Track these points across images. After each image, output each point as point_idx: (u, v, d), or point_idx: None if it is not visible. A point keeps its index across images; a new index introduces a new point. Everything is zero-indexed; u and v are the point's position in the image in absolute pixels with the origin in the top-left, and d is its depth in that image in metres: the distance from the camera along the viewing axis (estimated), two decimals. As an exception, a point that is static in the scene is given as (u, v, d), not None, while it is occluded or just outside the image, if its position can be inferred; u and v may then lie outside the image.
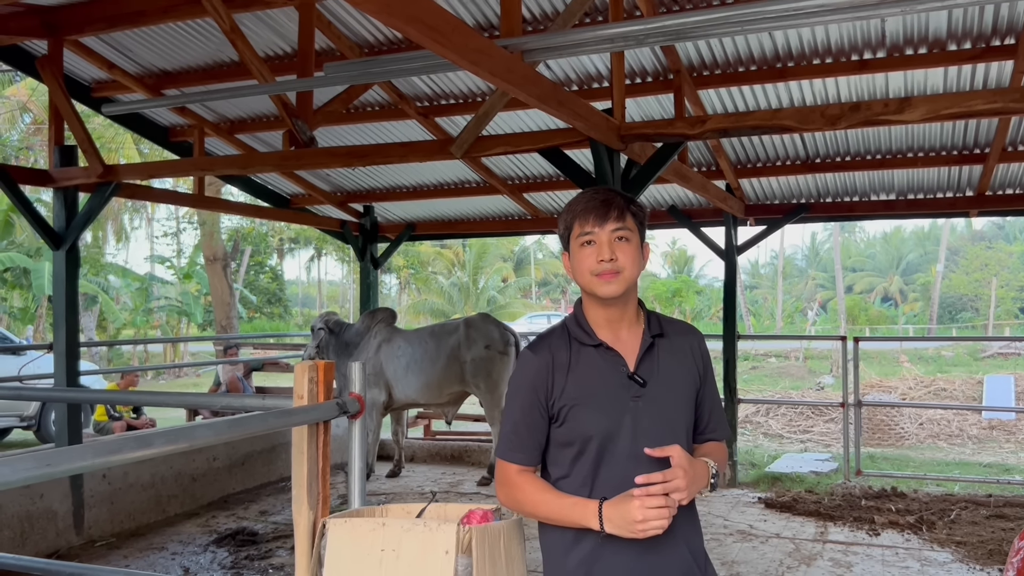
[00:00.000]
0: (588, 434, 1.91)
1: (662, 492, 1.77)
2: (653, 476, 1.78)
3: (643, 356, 1.96)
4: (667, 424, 1.93)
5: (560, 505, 1.91)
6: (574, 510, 1.88)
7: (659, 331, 2.01)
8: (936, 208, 7.64)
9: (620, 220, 1.92)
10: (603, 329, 1.98)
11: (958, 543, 5.72)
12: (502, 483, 2.01)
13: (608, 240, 1.91)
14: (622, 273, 1.92)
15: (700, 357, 2.05)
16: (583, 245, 1.94)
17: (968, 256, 43.40)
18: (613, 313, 1.97)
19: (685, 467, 1.80)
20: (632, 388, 1.93)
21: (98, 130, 18.66)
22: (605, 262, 1.90)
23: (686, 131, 4.58)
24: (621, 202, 1.95)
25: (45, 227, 6.07)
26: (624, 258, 1.91)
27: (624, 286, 1.93)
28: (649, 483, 1.78)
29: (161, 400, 5.07)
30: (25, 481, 1.50)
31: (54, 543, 5.76)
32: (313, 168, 7.43)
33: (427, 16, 2.68)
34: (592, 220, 1.93)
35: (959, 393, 14.39)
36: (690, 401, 1.99)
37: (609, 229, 1.91)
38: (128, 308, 27.04)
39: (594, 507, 1.85)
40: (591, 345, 1.97)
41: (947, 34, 4.99)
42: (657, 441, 1.86)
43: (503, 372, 7.55)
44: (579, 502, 1.88)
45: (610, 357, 1.96)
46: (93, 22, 5.48)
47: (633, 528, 1.78)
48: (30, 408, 10.77)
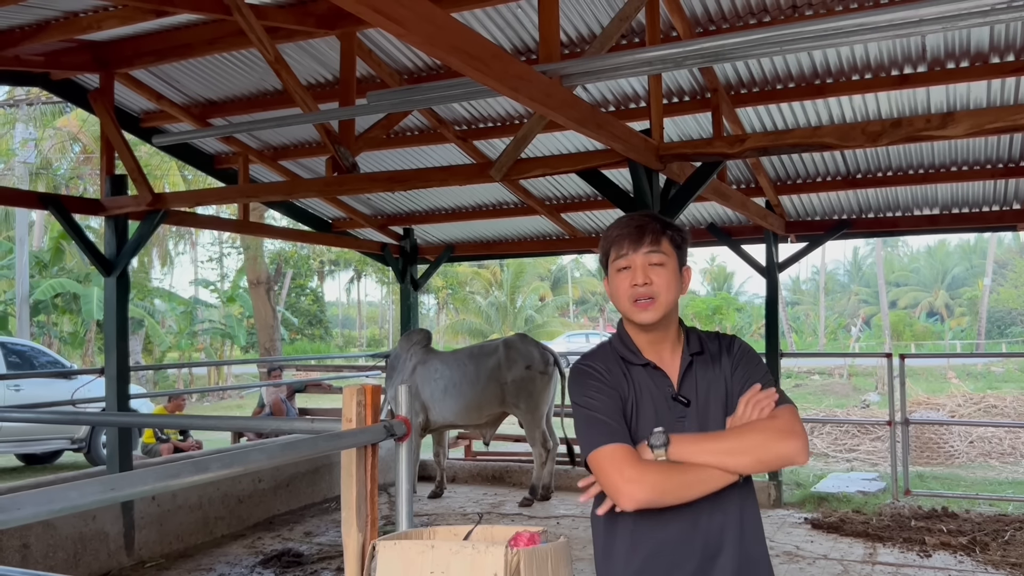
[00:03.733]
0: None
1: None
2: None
3: (684, 375, 1.99)
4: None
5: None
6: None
7: (698, 349, 2.02)
8: (982, 222, 7.52)
9: (654, 245, 1.94)
10: (647, 350, 2.01)
11: (1013, 565, 5.57)
12: (626, 474, 1.84)
13: (642, 265, 1.93)
14: (657, 299, 1.93)
15: (733, 356, 2.03)
16: (619, 271, 1.97)
17: (1017, 269, 42.42)
18: (654, 336, 2.00)
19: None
20: (676, 408, 1.96)
21: (144, 158, 19.15)
22: (639, 286, 1.93)
23: (725, 150, 4.58)
24: (656, 227, 1.97)
25: (96, 254, 6.25)
26: (659, 282, 1.93)
27: (660, 312, 1.94)
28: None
29: (211, 424, 5.17)
30: (92, 505, 1.56)
31: (106, 564, 5.88)
32: (356, 193, 7.56)
33: (469, 46, 2.74)
34: (627, 245, 1.95)
35: (1011, 410, 14.02)
36: (729, 411, 1.98)
37: (643, 253, 1.94)
38: (173, 331, 27.53)
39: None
40: (639, 364, 1.99)
41: (989, 47, 4.94)
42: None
43: (544, 392, 7.56)
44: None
45: (657, 377, 1.99)
46: (142, 55, 5.67)
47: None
48: (80, 431, 11.01)
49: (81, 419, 5.99)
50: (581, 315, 47.74)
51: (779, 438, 1.87)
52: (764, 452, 1.87)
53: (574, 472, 8.48)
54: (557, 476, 8.01)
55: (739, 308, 41.15)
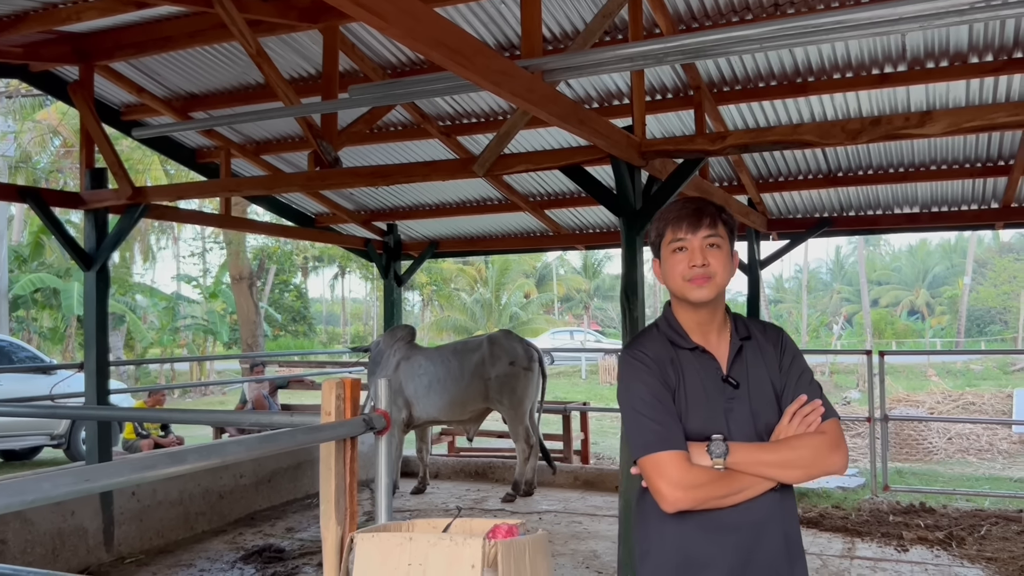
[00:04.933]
0: (695, 433, 1.96)
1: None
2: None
3: (734, 359, 2.04)
4: (756, 423, 2.00)
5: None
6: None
7: (747, 333, 2.08)
8: (961, 221, 7.60)
9: (712, 228, 2.00)
10: (695, 332, 2.05)
11: (988, 559, 5.64)
12: (674, 480, 1.89)
13: (700, 246, 1.99)
14: (714, 279, 1.99)
15: (782, 353, 2.08)
16: (675, 252, 2.01)
17: (996, 268, 42.82)
18: (703, 316, 2.04)
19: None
20: (727, 391, 2.00)
21: (126, 152, 18.99)
22: (697, 267, 1.97)
23: (706, 147, 4.60)
24: (713, 210, 2.02)
25: (76, 248, 6.20)
26: (716, 264, 1.99)
27: (715, 291, 2.00)
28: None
29: (190, 417, 5.15)
30: (65, 496, 1.55)
31: (85, 560, 5.84)
32: (338, 188, 7.53)
33: (450, 40, 2.74)
34: (685, 227, 2.00)
35: (988, 407, 14.19)
36: (775, 399, 2.04)
37: (701, 236, 1.99)
38: (155, 327, 27.35)
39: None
40: (687, 348, 2.04)
41: (968, 47, 4.99)
42: (748, 440, 1.96)
43: (527, 388, 7.57)
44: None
45: (706, 360, 2.03)
46: (123, 48, 5.62)
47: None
48: (60, 426, 10.92)
49: (59, 412, 5.94)
50: (566, 312, 47.77)
51: (828, 453, 1.95)
52: (814, 467, 1.95)
53: (556, 467, 8.50)
54: (540, 472, 8.03)
55: (722, 306, 41.22)
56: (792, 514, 2.05)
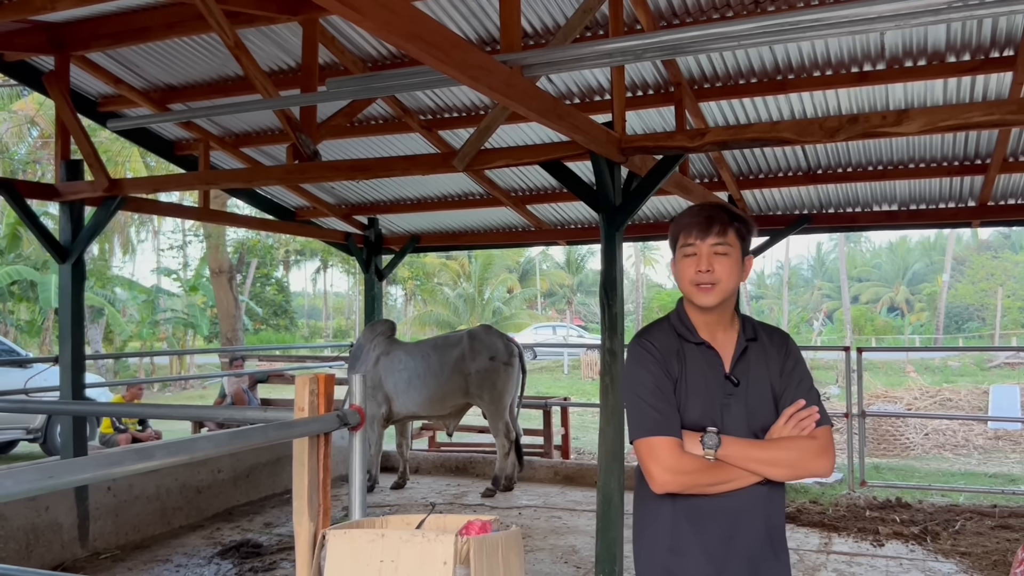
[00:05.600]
0: (691, 424, 2.08)
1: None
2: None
3: (738, 358, 2.14)
4: (751, 420, 2.10)
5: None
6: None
7: (753, 335, 2.17)
8: (938, 219, 7.65)
9: (721, 235, 2.09)
10: (703, 330, 2.17)
11: (963, 554, 5.70)
12: (665, 464, 2.02)
13: (707, 253, 2.09)
14: (718, 285, 2.09)
15: (785, 357, 2.16)
16: (685, 256, 2.13)
17: (974, 266, 43.24)
18: (711, 318, 2.16)
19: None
20: (726, 387, 2.11)
21: (104, 144, 18.79)
22: (703, 273, 2.08)
23: (686, 144, 4.61)
24: (724, 217, 2.12)
25: (51, 241, 6.12)
26: (721, 270, 2.09)
27: (719, 298, 2.11)
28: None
29: (164, 413, 5.11)
30: (28, 493, 1.53)
31: (59, 556, 5.78)
32: (317, 181, 7.48)
33: (426, 33, 2.72)
34: (695, 234, 2.11)
35: (965, 403, 14.35)
36: (773, 400, 2.13)
37: (709, 243, 2.09)
38: (134, 320, 27.12)
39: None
40: (694, 342, 2.15)
41: (946, 46, 5.02)
42: (741, 435, 2.07)
43: (508, 383, 7.57)
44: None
45: (711, 356, 2.14)
46: (99, 38, 5.55)
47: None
48: (36, 421, 10.81)
49: (32, 407, 5.88)
50: (549, 307, 47.85)
51: (815, 457, 2.06)
52: (800, 468, 2.08)
53: (536, 463, 8.52)
54: (518, 468, 8.03)
55: (704, 301, 41.41)
56: (778, 509, 2.16)
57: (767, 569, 2.12)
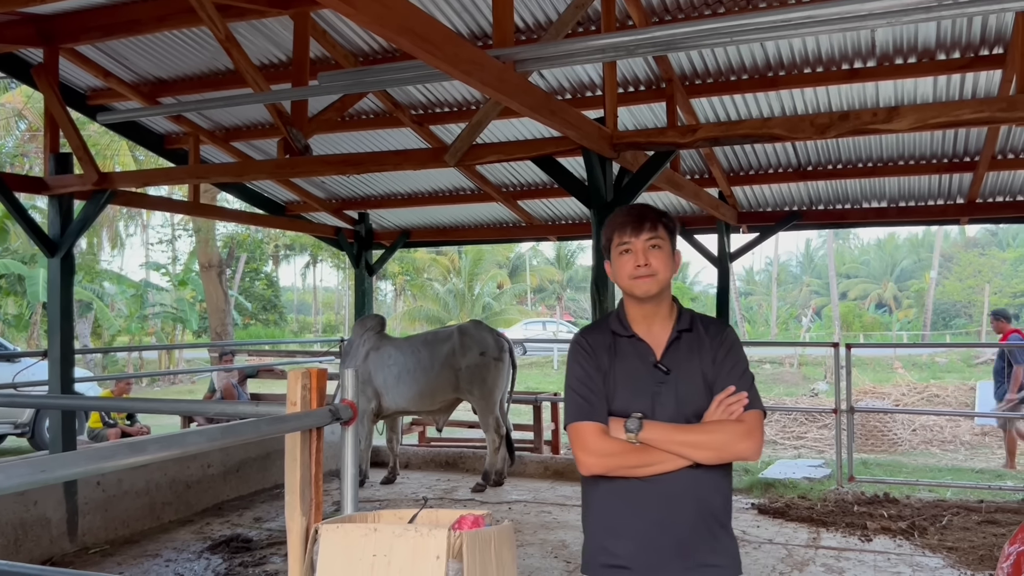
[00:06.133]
0: (621, 411, 2.19)
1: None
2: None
3: (668, 347, 2.23)
4: (681, 407, 2.18)
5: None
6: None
7: (687, 326, 2.26)
8: (927, 215, 7.70)
9: (653, 231, 2.21)
10: (639, 323, 2.27)
11: (949, 548, 5.74)
12: (587, 447, 2.16)
13: (643, 248, 2.20)
14: (656, 276, 2.20)
15: (719, 346, 2.24)
16: (622, 254, 2.23)
17: (962, 263, 43.48)
18: (648, 309, 2.25)
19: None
20: (657, 375, 2.21)
21: (93, 137, 18.66)
22: (641, 267, 2.19)
23: (677, 139, 4.62)
24: (654, 215, 2.25)
25: (40, 234, 6.09)
26: (657, 263, 2.21)
27: (658, 286, 2.21)
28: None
29: (155, 407, 5.09)
30: (20, 487, 1.52)
31: (48, 550, 5.76)
32: (308, 176, 7.46)
33: (419, 27, 2.72)
34: (629, 232, 2.21)
35: (952, 399, 14.44)
36: (706, 387, 2.21)
37: (643, 239, 2.20)
38: (123, 315, 26.96)
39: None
40: (626, 336, 2.26)
41: (936, 44, 5.05)
42: (672, 422, 2.16)
43: (498, 379, 7.57)
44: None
45: (641, 347, 2.24)
46: (88, 31, 5.52)
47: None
48: (24, 415, 10.74)
49: (20, 402, 5.84)
50: (539, 303, 47.85)
51: (739, 440, 2.14)
52: (725, 451, 2.15)
53: (526, 458, 8.53)
54: (509, 462, 8.04)
55: (693, 298, 41.55)
56: (715, 492, 2.20)
57: (700, 551, 2.18)
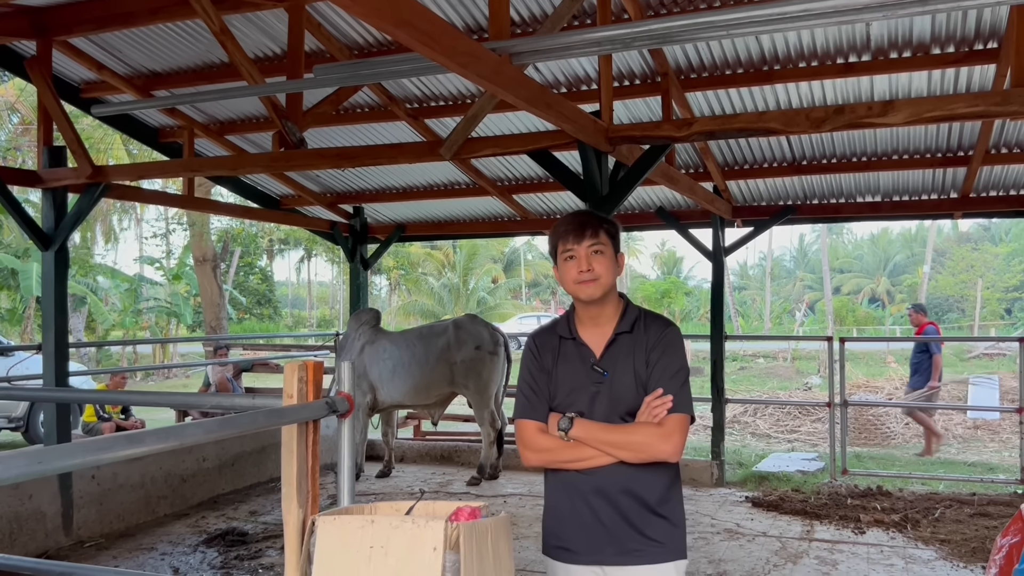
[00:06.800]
0: (560, 410, 2.36)
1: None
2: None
3: (606, 349, 2.37)
4: (616, 406, 2.33)
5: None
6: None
7: (627, 328, 2.38)
8: (921, 210, 7.72)
9: (594, 237, 2.33)
10: (586, 325, 2.41)
11: (942, 541, 5.78)
12: (526, 443, 2.38)
13: (586, 254, 2.33)
14: (599, 280, 2.32)
15: (654, 347, 2.35)
16: (566, 260, 2.36)
17: (954, 258, 43.65)
18: (593, 311, 2.39)
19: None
20: (594, 376, 2.36)
21: (87, 131, 18.58)
22: (584, 272, 2.32)
23: (673, 133, 4.62)
24: (595, 222, 2.37)
25: (34, 228, 6.06)
26: (599, 267, 2.33)
27: (601, 290, 2.34)
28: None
29: (151, 400, 5.08)
30: (17, 479, 1.52)
31: (43, 544, 5.76)
32: (303, 169, 7.45)
33: (415, 19, 2.71)
34: (571, 239, 2.34)
35: (944, 393, 14.48)
36: (639, 387, 2.33)
37: (586, 245, 2.33)
38: (117, 309, 26.90)
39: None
40: (569, 339, 2.41)
41: (931, 38, 5.05)
42: (608, 420, 2.32)
43: (493, 373, 7.58)
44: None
45: (583, 350, 2.39)
46: (82, 23, 5.48)
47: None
48: (18, 409, 10.72)
49: (15, 395, 5.83)
50: (533, 297, 47.89)
51: (658, 441, 2.27)
52: (644, 452, 2.28)
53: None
54: (505, 455, 8.06)
55: (687, 292, 41.69)
56: (646, 483, 2.32)
57: (631, 538, 2.31)
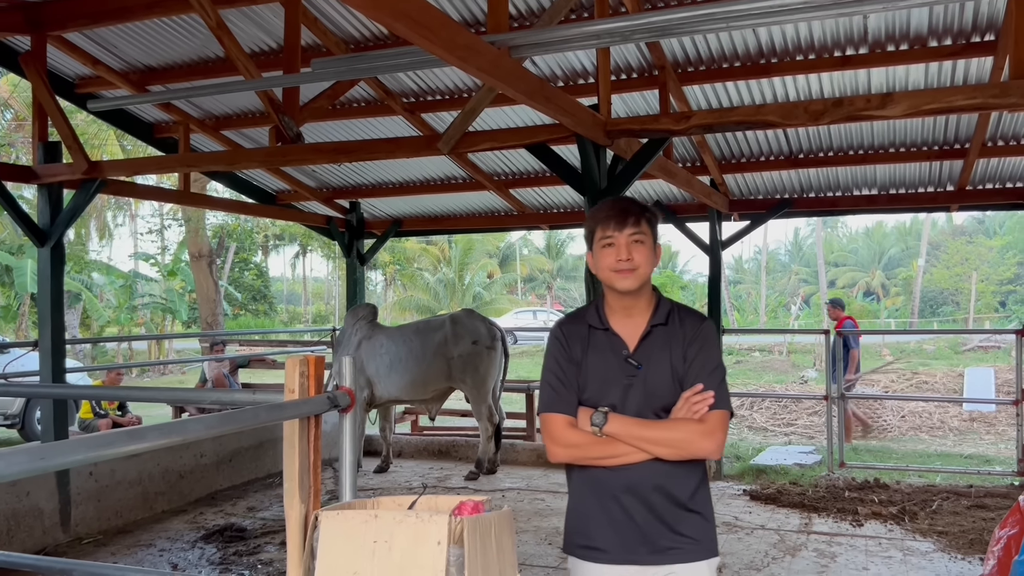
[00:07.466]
0: (596, 403, 2.23)
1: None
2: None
3: (641, 341, 2.25)
4: (651, 401, 2.22)
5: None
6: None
7: (663, 320, 2.27)
8: (917, 203, 7.73)
9: (636, 226, 2.22)
10: (617, 315, 2.29)
11: (940, 533, 5.80)
12: (554, 438, 2.23)
13: (626, 243, 2.21)
14: (637, 271, 2.21)
15: (692, 341, 2.24)
16: (604, 247, 2.24)
17: (949, 251, 43.70)
18: (627, 302, 2.27)
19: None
20: (628, 369, 2.23)
21: (81, 126, 18.49)
22: (623, 261, 2.20)
23: (671, 127, 4.61)
24: (637, 210, 2.25)
25: (30, 224, 6.04)
26: (639, 257, 2.21)
27: (639, 282, 2.23)
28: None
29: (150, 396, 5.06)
30: (20, 475, 1.51)
31: (41, 541, 5.74)
32: (299, 164, 7.43)
33: (414, 12, 2.70)
34: (612, 226, 2.22)
35: (940, 386, 14.55)
36: (675, 382, 2.22)
37: (627, 234, 2.21)
38: (112, 306, 26.81)
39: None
40: (600, 329, 2.28)
41: (928, 30, 5.05)
42: (641, 415, 2.20)
43: (490, 367, 7.58)
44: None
45: (615, 341, 2.26)
46: (77, 18, 5.46)
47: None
48: (14, 406, 10.69)
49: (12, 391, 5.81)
50: (529, 292, 47.84)
51: (700, 439, 2.17)
52: (685, 449, 2.18)
53: (519, 446, 8.55)
54: (503, 450, 8.06)
55: (683, 286, 41.66)
56: (679, 481, 2.22)
57: (665, 537, 2.21)
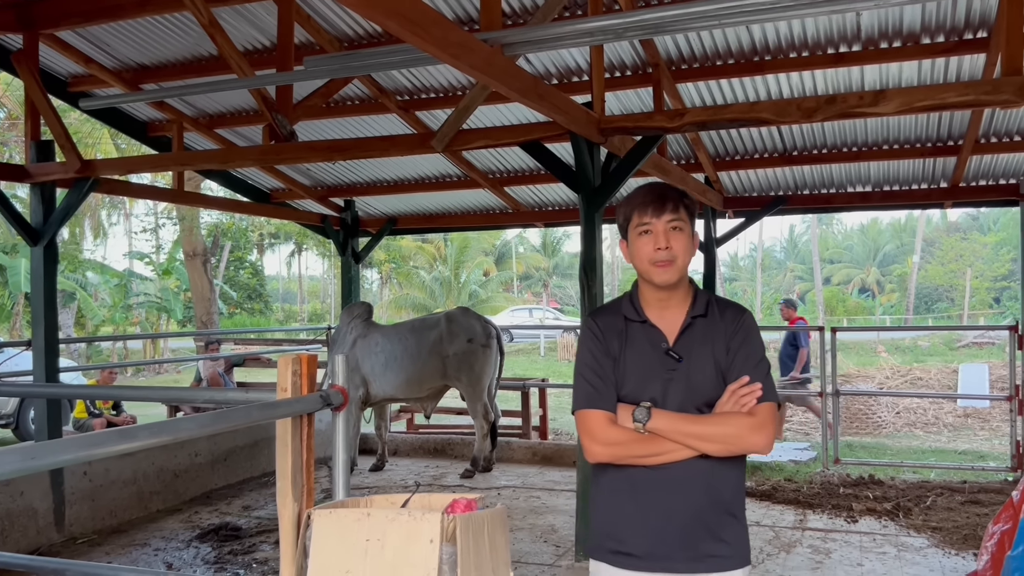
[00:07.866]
0: (635, 399, 2.09)
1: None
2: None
3: (681, 334, 2.12)
4: (693, 395, 2.09)
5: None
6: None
7: (702, 311, 2.14)
8: (911, 199, 7.75)
9: (675, 212, 2.08)
10: (652, 307, 2.16)
11: (934, 529, 5.81)
12: (594, 436, 2.08)
13: (664, 230, 2.08)
14: (676, 261, 2.09)
15: (735, 333, 2.13)
16: (641, 234, 2.11)
17: (943, 247, 43.83)
18: (663, 293, 2.14)
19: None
20: (668, 362, 2.10)
21: (74, 125, 18.43)
22: (662, 250, 2.07)
23: (665, 124, 4.62)
24: (676, 195, 2.12)
25: (22, 223, 6.02)
26: (678, 246, 2.08)
27: (677, 274, 2.10)
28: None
29: (144, 395, 5.06)
30: (11, 475, 1.51)
31: (35, 541, 5.73)
32: (293, 163, 7.41)
33: (407, 10, 2.70)
34: (650, 212, 2.09)
35: (935, 382, 14.59)
36: (718, 375, 2.10)
37: (665, 220, 2.08)
38: (107, 305, 26.74)
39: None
40: (638, 321, 2.15)
41: (921, 28, 5.06)
42: (683, 410, 2.06)
43: (486, 365, 7.57)
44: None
45: (653, 333, 2.13)
46: (69, 16, 5.44)
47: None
48: (8, 406, 10.66)
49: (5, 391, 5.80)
50: (525, 290, 47.85)
51: (750, 433, 2.04)
52: (735, 444, 2.05)
53: (515, 444, 8.56)
54: (498, 448, 8.06)
55: (679, 283, 41.57)
56: (725, 480, 2.10)
57: (706, 542, 2.08)
